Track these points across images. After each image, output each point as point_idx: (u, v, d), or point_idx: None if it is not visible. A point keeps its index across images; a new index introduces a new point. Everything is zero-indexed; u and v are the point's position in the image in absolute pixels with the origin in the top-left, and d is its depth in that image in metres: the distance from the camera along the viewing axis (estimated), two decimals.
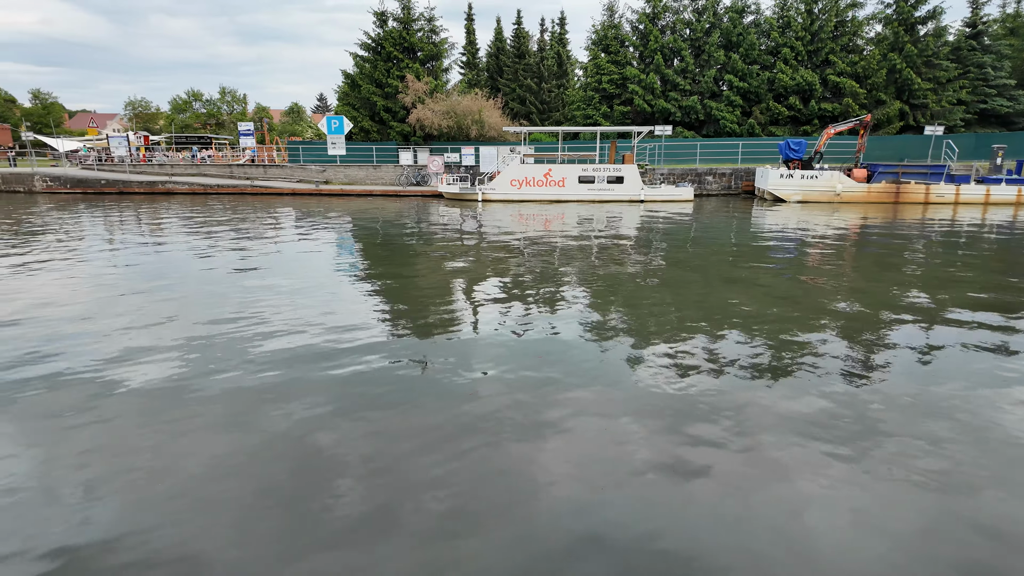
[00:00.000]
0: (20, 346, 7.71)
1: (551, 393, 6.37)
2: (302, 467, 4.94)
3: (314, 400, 6.19)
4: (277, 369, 6.97)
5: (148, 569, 3.78)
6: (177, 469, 4.88)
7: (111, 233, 18.65)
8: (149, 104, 76.62)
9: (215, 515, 4.32)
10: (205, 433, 5.51)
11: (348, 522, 4.24)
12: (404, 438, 5.46)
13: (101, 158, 41.92)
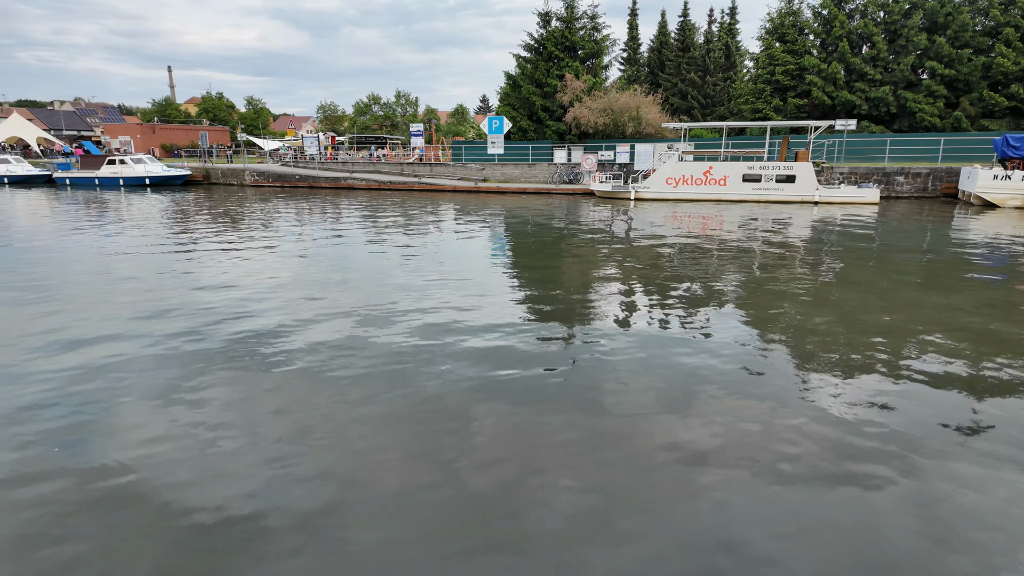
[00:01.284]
0: (232, 313, 9.03)
1: (695, 411, 6.02)
2: (444, 433, 5.19)
3: (457, 383, 6.46)
4: (424, 342, 7.41)
5: (326, 511, 4.20)
6: (348, 424, 5.38)
7: (301, 221, 21.16)
8: (336, 107, 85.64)
9: (372, 462, 4.69)
10: (368, 393, 6.01)
11: (474, 506, 4.36)
12: (544, 438, 5.49)
13: (296, 156, 47.75)
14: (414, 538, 4.05)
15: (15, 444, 5.19)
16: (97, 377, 6.64)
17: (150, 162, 38.77)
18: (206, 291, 10.59)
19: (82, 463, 4.90)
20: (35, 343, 7.76)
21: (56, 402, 6.01)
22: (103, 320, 8.81)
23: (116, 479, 4.68)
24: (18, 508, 4.32)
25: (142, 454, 5.04)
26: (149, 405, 5.99)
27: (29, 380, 6.55)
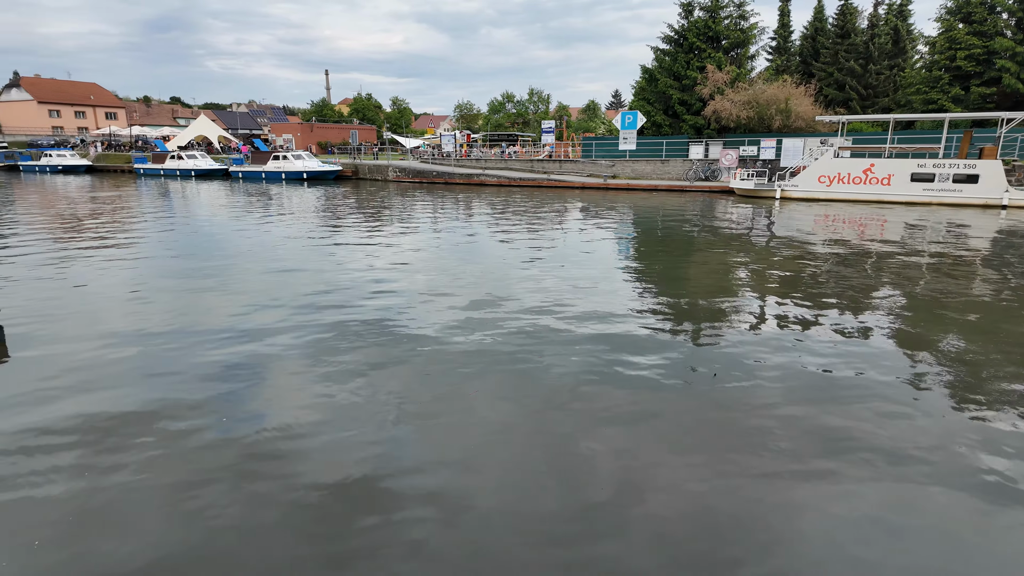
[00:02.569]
0: (370, 296, 9.57)
1: (835, 440, 5.31)
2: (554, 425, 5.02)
3: (568, 380, 6.26)
4: (544, 334, 7.28)
5: (434, 493, 4.24)
6: (472, 406, 5.42)
7: (435, 215, 22.08)
8: (472, 106, 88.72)
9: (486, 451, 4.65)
10: (485, 385, 6.01)
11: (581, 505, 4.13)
12: (659, 445, 5.13)
13: (434, 153, 50.07)
14: (528, 522, 3.93)
15: (190, 403, 5.81)
16: (256, 352, 7.29)
17: (308, 158, 42.63)
18: (349, 276, 11.32)
19: (238, 424, 5.36)
20: (208, 319, 8.72)
21: (222, 371, 6.67)
22: (264, 300, 9.70)
23: (264, 441, 5.06)
24: (182, 458, 4.80)
25: (288, 421, 5.42)
26: (297, 377, 6.45)
27: (204, 350, 7.34)
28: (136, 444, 5.09)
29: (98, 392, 6.14)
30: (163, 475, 4.65)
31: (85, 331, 8.11)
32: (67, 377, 6.52)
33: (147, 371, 6.71)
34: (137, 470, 4.71)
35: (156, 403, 5.88)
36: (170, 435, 5.26)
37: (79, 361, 6.99)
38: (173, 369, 6.74)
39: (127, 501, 4.33)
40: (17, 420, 5.50)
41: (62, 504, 4.27)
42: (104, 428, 5.36)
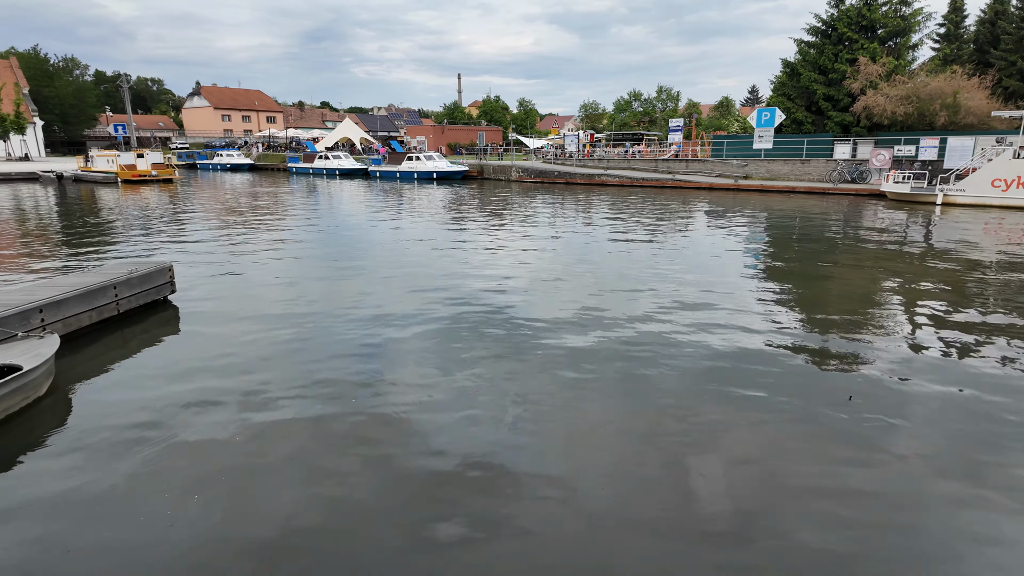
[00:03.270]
0: (489, 290, 9.91)
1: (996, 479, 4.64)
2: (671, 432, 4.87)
3: (690, 389, 6.03)
4: (657, 345, 7.07)
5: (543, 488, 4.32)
6: (583, 404, 5.45)
7: (554, 214, 22.24)
8: (597, 106, 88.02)
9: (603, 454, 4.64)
10: (599, 390, 5.99)
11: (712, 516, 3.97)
12: (777, 475, 4.80)
13: (557, 154, 50.38)
14: (632, 527, 3.87)
15: (327, 380, 6.40)
16: (386, 337, 7.83)
17: (438, 159, 44.74)
18: (470, 270, 11.77)
19: (366, 401, 5.80)
20: (345, 304, 9.50)
21: (355, 353, 7.25)
22: (394, 290, 10.38)
23: (388, 421, 5.43)
24: (316, 428, 5.29)
25: (410, 403, 5.77)
26: (421, 364, 6.84)
27: (341, 333, 8.03)
28: (278, 414, 5.70)
29: (251, 365, 6.93)
30: (299, 441, 5.16)
31: (244, 310, 9.18)
32: (226, 350, 7.43)
33: (293, 348, 7.45)
34: (277, 437, 5.27)
35: (299, 377, 6.52)
36: (309, 406, 5.81)
37: (237, 337, 7.93)
38: (314, 348, 7.43)
39: (265, 465, 4.86)
40: (184, 386, 6.37)
41: (219, 462, 4.89)
42: (254, 399, 6.05)
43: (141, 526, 4.05)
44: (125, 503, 4.32)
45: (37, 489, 4.52)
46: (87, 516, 4.19)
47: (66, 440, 5.25)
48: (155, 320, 8.78)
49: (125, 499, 4.37)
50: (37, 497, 4.42)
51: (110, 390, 6.34)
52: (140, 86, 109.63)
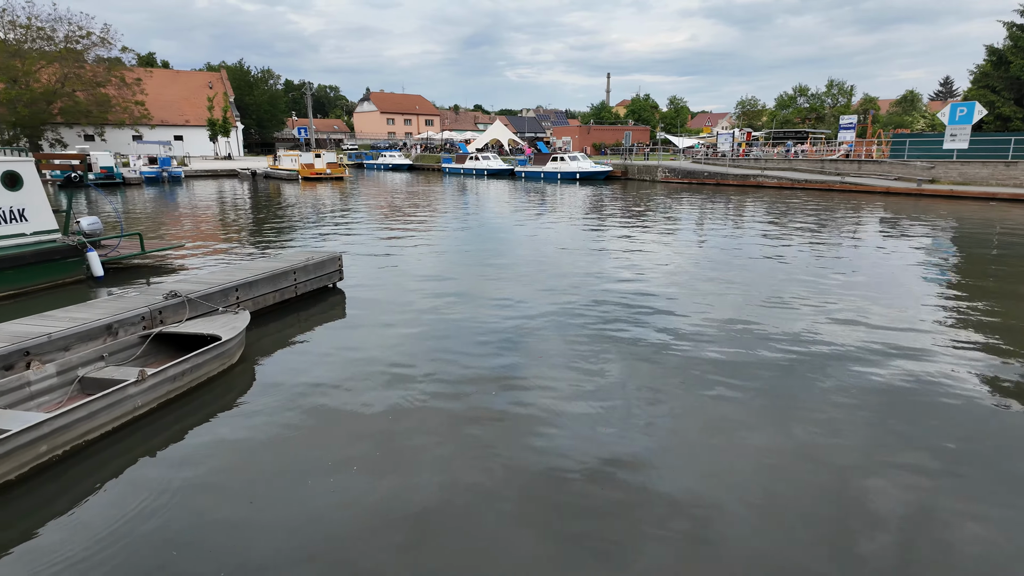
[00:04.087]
0: (625, 293, 9.79)
1: None
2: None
3: (854, 415, 5.46)
4: (812, 365, 6.48)
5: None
6: (720, 421, 5.22)
7: (701, 216, 21.27)
8: (756, 102, 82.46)
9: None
10: (751, 408, 5.66)
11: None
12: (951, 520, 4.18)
13: (708, 153, 48.07)
14: (777, 555, 3.63)
15: (461, 367, 6.75)
16: (525, 332, 8.07)
17: (582, 159, 44.82)
18: (608, 271, 11.69)
19: (502, 394, 6.04)
20: (487, 298, 9.93)
21: (495, 346, 7.56)
22: (534, 287, 10.64)
23: (520, 415, 5.61)
24: (452, 415, 5.61)
25: (544, 400, 5.90)
26: (557, 363, 6.96)
27: (483, 326, 8.42)
28: (422, 397, 6.12)
29: (402, 349, 7.51)
30: (439, 425, 5.51)
31: (398, 298, 9.97)
32: (383, 334, 8.12)
33: (439, 337, 7.95)
34: (419, 419, 5.67)
35: (443, 364, 6.95)
36: (450, 393, 6.18)
37: (392, 323, 8.63)
38: (457, 338, 7.87)
39: (407, 443, 5.25)
40: (347, 363, 7.07)
41: (370, 435, 5.38)
42: (403, 381, 6.55)
43: (309, 488, 4.59)
44: (297, 462, 4.92)
45: (227, 442, 5.30)
46: (265, 470, 4.84)
47: (253, 402, 6.08)
48: (325, 303, 9.83)
49: (297, 459, 4.97)
50: (225, 449, 5.19)
51: (288, 362, 7.22)
52: (320, 93, 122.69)
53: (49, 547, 3.92)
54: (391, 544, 3.94)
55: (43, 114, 48.64)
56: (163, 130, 60.08)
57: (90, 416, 5.13)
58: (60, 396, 5.91)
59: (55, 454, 4.87)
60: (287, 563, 3.76)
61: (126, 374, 5.98)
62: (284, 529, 4.07)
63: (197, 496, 4.48)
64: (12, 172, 10.26)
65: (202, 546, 3.91)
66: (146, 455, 5.04)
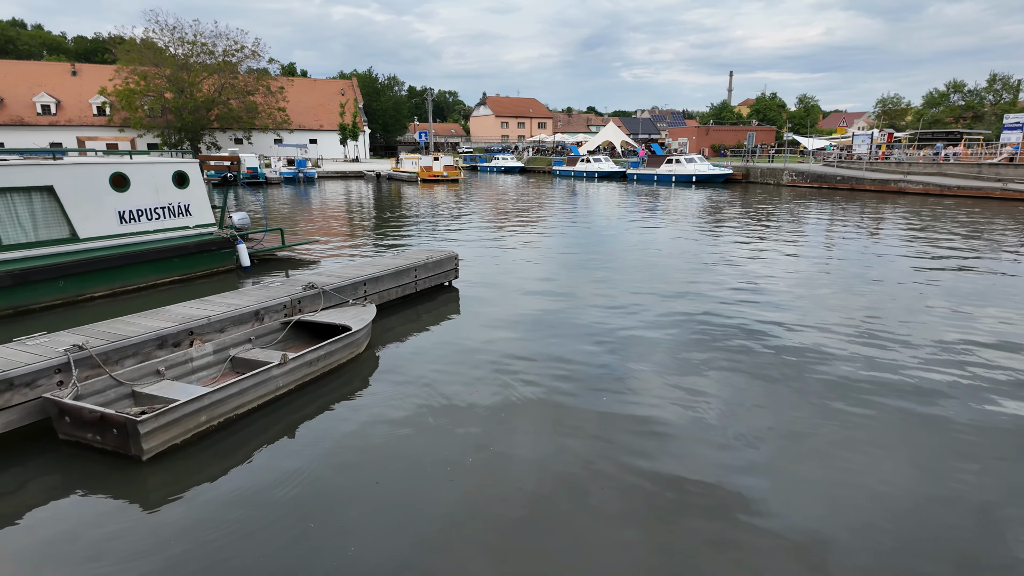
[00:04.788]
0: (738, 303, 9.35)
1: None
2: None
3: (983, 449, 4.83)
4: (949, 394, 5.80)
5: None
6: (839, 442, 4.86)
7: (831, 225, 19.71)
8: (900, 100, 74.97)
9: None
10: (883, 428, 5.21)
11: None
12: None
13: (841, 156, 44.43)
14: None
15: (566, 368, 6.79)
16: (627, 339, 7.97)
17: (699, 162, 43.16)
18: (720, 280, 11.19)
19: (607, 399, 6.01)
20: (595, 303, 9.89)
21: (599, 349, 7.53)
22: (638, 292, 10.45)
23: (623, 422, 5.55)
24: (551, 416, 5.66)
25: (648, 408, 5.80)
26: (663, 371, 6.81)
27: (585, 331, 8.41)
28: (528, 393, 6.23)
29: (511, 346, 7.68)
30: (542, 424, 5.58)
31: (508, 298, 10.20)
32: (493, 330, 8.35)
33: (546, 336, 8.05)
34: (524, 415, 5.77)
35: (549, 363, 7.03)
36: (554, 393, 6.24)
37: (502, 321, 8.85)
38: (564, 339, 7.92)
39: (513, 438, 5.37)
40: (460, 356, 7.36)
41: (480, 427, 5.57)
42: (511, 377, 6.71)
43: (427, 473, 4.85)
44: (416, 448, 5.22)
45: (355, 424, 5.72)
46: (389, 453, 5.17)
47: (377, 389, 6.51)
48: (442, 299, 10.28)
49: (416, 445, 5.27)
50: (354, 430, 5.60)
51: (409, 353, 7.65)
52: (439, 98, 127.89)
53: (202, 505, 4.46)
54: (488, 536, 4.07)
55: (203, 120, 54.82)
56: (300, 134, 65.52)
57: (241, 392, 5.75)
58: (215, 372, 6.67)
59: (212, 424, 5.52)
60: (409, 545, 4.00)
61: (270, 356, 6.63)
62: (406, 511, 4.34)
63: (329, 471, 4.89)
64: (181, 172, 11.71)
65: (333, 520, 4.26)
66: (285, 431, 5.57)
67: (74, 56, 74.86)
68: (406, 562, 3.83)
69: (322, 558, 3.84)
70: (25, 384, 5.32)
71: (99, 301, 9.99)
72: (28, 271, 9.26)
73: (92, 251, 10.19)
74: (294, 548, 3.94)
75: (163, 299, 9.36)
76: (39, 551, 3.97)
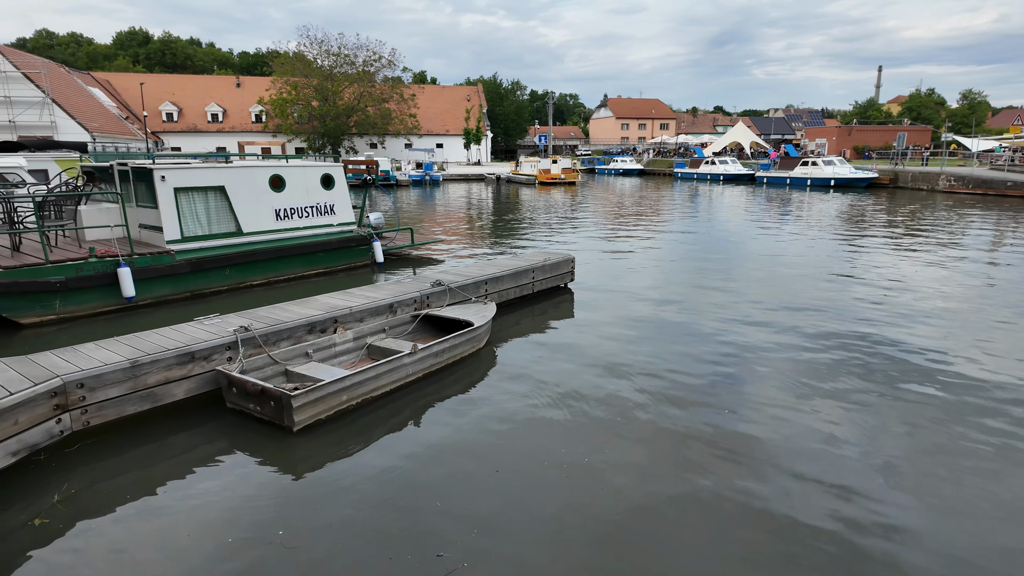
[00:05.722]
0: (879, 322, 8.63)
1: None
2: None
3: None
4: None
5: None
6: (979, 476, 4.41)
7: (996, 239, 17.43)
8: None
9: None
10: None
11: None
12: None
13: (1013, 158, 39.00)
14: None
15: (677, 376, 6.69)
16: (746, 353, 7.67)
17: (839, 164, 39.88)
18: (859, 296, 10.37)
19: (725, 415, 5.86)
20: (711, 311, 9.60)
21: (714, 359, 7.33)
22: (764, 306, 9.97)
23: (737, 440, 5.38)
24: (660, 425, 5.61)
25: (762, 428, 5.58)
26: (785, 391, 6.50)
27: (700, 339, 8.21)
28: (639, 399, 6.22)
29: (624, 350, 7.70)
30: (650, 434, 5.57)
31: (622, 302, 10.19)
32: (606, 334, 8.41)
33: (659, 342, 7.97)
34: (634, 422, 5.79)
35: (660, 371, 6.97)
36: (665, 400, 6.19)
37: (616, 324, 8.88)
38: (676, 346, 7.80)
39: (623, 445, 5.40)
40: (573, 356, 7.50)
41: (589, 434, 5.68)
42: (623, 382, 6.74)
43: (544, 467, 5.06)
44: (532, 441, 5.45)
45: (476, 414, 6.07)
46: (506, 444, 5.45)
47: (496, 383, 6.85)
48: (557, 301, 10.48)
49: (532, 439, 5.51)
50: (475, 419, 5.94)
51: (526, 351, 7.93)
52: (560, 101, 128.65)
53: (342, 474, 4.97)
54: (593, 543, 4.17)
55: (343, 126, 59.52)
56: (428, 138, 68.99)
57: (376, 377, 6.32)
58: (354, 357, 7.35)
59: (350, 404, 6.12)
60: (526, 539, 4.22)
61: (401, 346, 7.19)
62: (522, 503, 4.57)
63: (452, 455, 5.25)
64: (328, 174, 12.92)
65: (456, 500, 4.59)
66: (414, 415, 6.04)
67: (238, 70, 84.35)
68: (524, 550, 4.05)
69: (448, 534, 4.17)
70: (203, 358, 6.23)
71: (256, 289, 11.30)
72: (203, 260, 10.70)
73: (253, 244, 11.55)
74: (423, 522, 4.31)
75: (309, 289, 10.43)
76: (205, 500, 4.66)
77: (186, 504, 4.58)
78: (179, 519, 4.37)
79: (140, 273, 9.79)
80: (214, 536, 4.16)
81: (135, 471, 5.02)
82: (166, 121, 61.62)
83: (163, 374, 5.92)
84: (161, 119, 61.33)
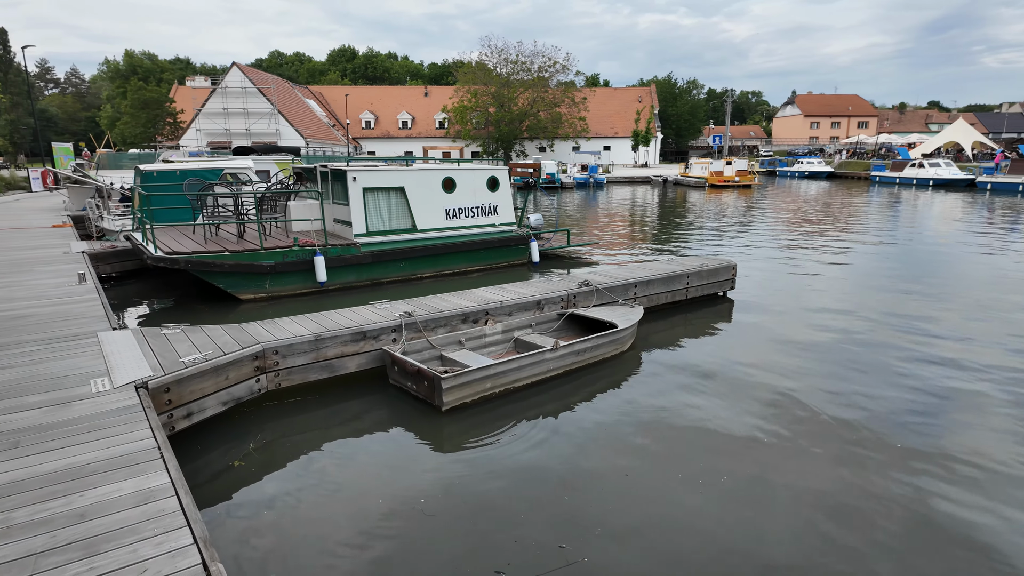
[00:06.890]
0: None
1: None
2: None
3: None
4: None
5: None
6: None
7: None
8: None
9: None
10: None
11: None
12: None
13: None
14: None
15: (850, 407, 6.03)
16: (941, 386, 6.66)
17: None
18: None
19: (914, 438, 5.19)
20: (905, 336, 8.47)
21: (903, 394, 6.49)
22: (980, 333, 8.56)
23: (912, 487, 4.73)
24: (821, 459, 5.10)
25: (951, 475, 4.84)
26: (989, 432, 5.56)
27: (885, 366, 7.29)
28: (797, 429, 5.74)
29: (785, 369, 7.14)
30: (808, 467, 5.11)
31: (790, 317, 9.41)
32: (766, 349, 7.85)
33: (830, 365, 7.26)
34: (793, 452, 5.35)
35: (831, 399, 6.35)
36: (830, 438, 5.63)
37: (779, 341, 8.25)
38: (854, 372, 7.03)
39: (773, 473, 5.03)
40: (724, 371, 7.14)
41: (735, 457, 5.38)
42: (779, 403, 6.26)
43: (678, 480, 4.96)
44: (668, 452, 5.35)
45: (612, 415, 6.09)
46: (639, 450, 5.41)
47: (637, 388, 6.79)
48: (713, 310, 10.01)
49: (669, 449, 5.41)
50: (610, 420, 5.96)
51: (672, 359, 7.73)
52: (740, 99, 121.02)
53: (483, 456, 5.31)
54: (716, 567, 3.97)
55: (516, 131, 62.06)
56: (596, 141, 69.18)
57: (519, 368, 6.63)
58: (501, 349, 7.76)
59: (495, 391, 6.49)
60: (643, 547, 4.19)
61: (545, 342, 7.44)
62: (646, 512, 4.53)
63: (584, 452, 5.35)
64: (494, 177, 13.68)
65: (584, 496, 4.68)
66: (552, 410, 6.24)
67: (427, 80, 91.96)
68: (641, 559, 4.03)
69: (572, 528, 4.29)
70: (373, 337, 7.03)
71: (425, 280, 12.35)
72: (383, 252, 11.97)
73: (425, 240, 12.65)
74: (549, 511, 4.47)
75: (469, 283, 11.16)
76: (364, 461, 5.28)
77: (349, 464, 5.25)
78: (342, 475, 5.03)
79: (331, 262, 11.24)
80: (367, 494, 4.72)
81: (312, 430, 5.85)
82: (365, 128, 69.43)
83: (339, 349, 6.79)
84: (361, 126, 69.26)
